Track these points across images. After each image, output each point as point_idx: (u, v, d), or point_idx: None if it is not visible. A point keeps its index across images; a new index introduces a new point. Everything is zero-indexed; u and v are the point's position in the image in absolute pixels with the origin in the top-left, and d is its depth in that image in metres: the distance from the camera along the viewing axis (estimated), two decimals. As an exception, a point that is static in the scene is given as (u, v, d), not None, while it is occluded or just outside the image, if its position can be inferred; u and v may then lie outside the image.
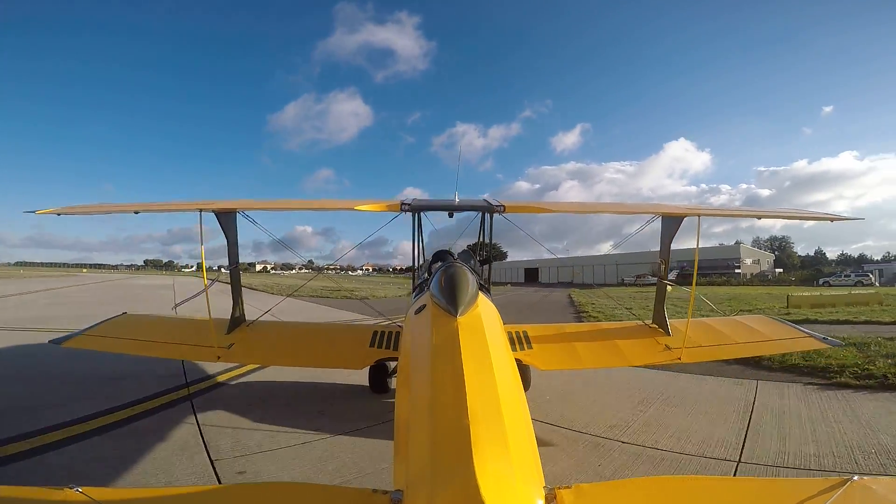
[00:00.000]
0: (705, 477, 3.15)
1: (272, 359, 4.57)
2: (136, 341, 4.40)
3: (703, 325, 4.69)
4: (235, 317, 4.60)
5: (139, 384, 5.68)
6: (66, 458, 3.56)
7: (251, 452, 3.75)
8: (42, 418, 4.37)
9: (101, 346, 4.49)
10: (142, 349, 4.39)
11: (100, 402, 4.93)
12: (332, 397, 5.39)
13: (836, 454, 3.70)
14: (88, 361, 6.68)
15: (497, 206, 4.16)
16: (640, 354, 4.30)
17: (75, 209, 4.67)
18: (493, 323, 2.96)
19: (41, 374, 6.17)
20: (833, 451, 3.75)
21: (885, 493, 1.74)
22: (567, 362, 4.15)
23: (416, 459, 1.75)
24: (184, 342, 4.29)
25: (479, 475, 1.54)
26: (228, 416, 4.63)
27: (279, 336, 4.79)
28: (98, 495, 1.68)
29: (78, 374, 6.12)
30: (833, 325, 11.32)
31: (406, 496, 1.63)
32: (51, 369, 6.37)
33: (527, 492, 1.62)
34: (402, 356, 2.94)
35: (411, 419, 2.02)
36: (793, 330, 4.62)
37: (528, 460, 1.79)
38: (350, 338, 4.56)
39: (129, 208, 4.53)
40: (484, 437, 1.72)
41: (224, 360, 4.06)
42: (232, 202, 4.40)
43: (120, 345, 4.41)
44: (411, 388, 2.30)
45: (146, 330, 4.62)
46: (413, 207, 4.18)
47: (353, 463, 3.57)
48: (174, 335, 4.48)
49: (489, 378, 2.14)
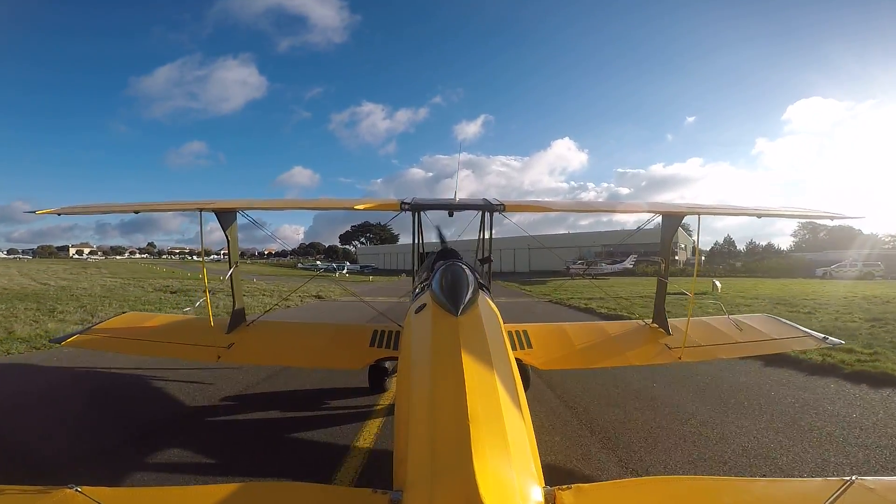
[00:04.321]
0: (706, 477, 3.15)
1: (272, 358, 4.57)
2: (136, 341, 4.41)
3: (704, 325, 4.68)
4: (235, 316, 4.60)
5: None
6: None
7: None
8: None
9: (102, 345, 4.51)
10: (142, 349, 4.41)
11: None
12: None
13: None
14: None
15: (497, 205, 4.15)
16: (640, 354, 4.29)
17: (75, 209, 4.68)
18: (494, 322, 2.96)
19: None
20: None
21: (885, 494, 1.73)
22: (567, 362, 4.15)
23: (416, 459, 1.75)
24: (184, 342, 4.29)
25: (478, 475, 1.53)
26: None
27: (279, 336, 4.79)
28: (97, 495, 1.67)
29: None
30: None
31: (406, 496, 1.62)
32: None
33: (527, 492, 1.61)
34: (402, 356, 2.93)
35: (411, 419, 2.02)
36: (793, 329, 4.62)
37: (528, 460, 1.78)
38: (350, 337, 4.56)
39: (129, 208, 4.53)
40: (484, 437, 1.72)
41: (224, 359, 4.06)
42: (232, 202, 4.40)
43: (120, 344, 4.43)
44: (411, 387, 2.30)
45: (146, 329, 4.62)
46: (413, 207, 4.17)
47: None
48: (174, 335, 4.49)
49: (489, 378, 2.13)
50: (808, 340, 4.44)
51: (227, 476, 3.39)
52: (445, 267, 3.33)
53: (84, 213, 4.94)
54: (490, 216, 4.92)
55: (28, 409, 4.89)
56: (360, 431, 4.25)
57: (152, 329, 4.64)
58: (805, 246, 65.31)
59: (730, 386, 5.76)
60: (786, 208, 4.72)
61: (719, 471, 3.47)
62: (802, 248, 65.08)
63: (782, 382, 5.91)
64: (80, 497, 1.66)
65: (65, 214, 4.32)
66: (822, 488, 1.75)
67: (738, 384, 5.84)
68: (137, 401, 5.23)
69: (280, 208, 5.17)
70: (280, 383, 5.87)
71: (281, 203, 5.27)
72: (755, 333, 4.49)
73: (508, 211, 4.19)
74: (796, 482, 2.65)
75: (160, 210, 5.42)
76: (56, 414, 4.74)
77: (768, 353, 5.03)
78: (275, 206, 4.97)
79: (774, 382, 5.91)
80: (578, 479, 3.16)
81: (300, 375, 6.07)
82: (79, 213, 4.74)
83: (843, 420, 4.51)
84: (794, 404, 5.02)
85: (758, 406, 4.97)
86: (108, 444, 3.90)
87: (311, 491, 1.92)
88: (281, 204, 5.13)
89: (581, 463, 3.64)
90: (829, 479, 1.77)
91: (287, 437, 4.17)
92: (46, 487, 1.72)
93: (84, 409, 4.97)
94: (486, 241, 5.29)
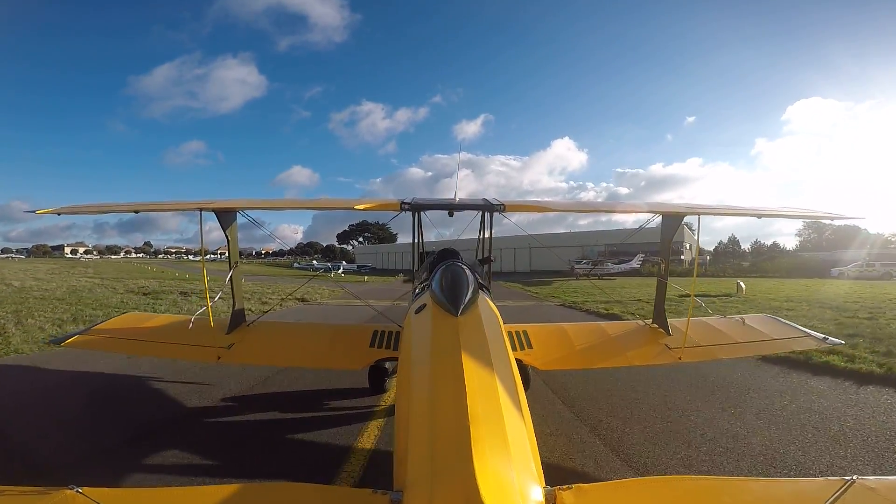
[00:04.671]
0: (706, 477, 3.15)
1: (272, 359, 4.57)
2: (136, 341, 4.41)
3: (704, 325, 4.68)
4: (235, 317, 4.60)
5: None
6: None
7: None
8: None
9: (102, 346, 4.50)
10: (142, 349, 4.41)
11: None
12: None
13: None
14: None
15: (497, 206, 4.15)
16: (640, 354, 4.30)
17: (75, 208, 4.67)
18: (494, 323, 2.96)
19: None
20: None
21: (886, 494, 1.73)
22: (567, 362, 4.15)
23: (416, 459, 1.75)
24: (184, 342, 4.29)
25: (478, 475, 1.53)
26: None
27: (279, 336, 4.79)
28: (97, 495, 1.67)
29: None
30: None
31: (406, 496, 1.62)
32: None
33: (527, 492, 1.61)
34: (402, 356, 2.93)
35: (411, 419, 2.01)
36: (793, 329, 4.62)
37: (528, 460, 1.78)
38: (350, 338, 4.55)
39: (129, 208, 4.53)
40: (484, 437, 1.72)
41: (224, 360, 4.06)
42: (232, 201, 4.40)
43: (120, 345, 4.43)
44: (411, 388, 2.30)
45: (146, 330, 4.62)
46: (413, 207, 4.17)
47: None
48: (174, 335, 4.48)
49: (489, 378, 2.13)
50: (808, 340, 4.44)
51: (228, 477, 3.39)
52: (445, 267, 3.33)
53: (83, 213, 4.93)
54: (490, 216, 4.92)
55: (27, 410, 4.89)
56: (361, 432, 4.25)
57: (152, 329, 4.64)
58: (810, 245, 64.66)
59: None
60: (785, 208, 4.72)
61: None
62: (808, 247, 64.26)
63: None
64: (80, 497, 1.66)
65: (64, 214, 4.31)
66: (822, 488, 1.75)
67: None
68: (137, 401, 5.23)
69: (280, 208, 5.17)
70: (280, 384, 5.87)
71: (281, 203, 5.27)
72: (755, 333, 4.49)
73: (508, 211, 4.19)
74: (797, 482, 2.65)
75: (160, 210, 5.41)
76: (55, 414, 4.74)
77: (768, 354, 5.03)
78: (275, 205, 4.97)
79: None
80: (579, 479, 3.16)
81: (300, 376, 6.07)
82: (78, 213, 4.73)
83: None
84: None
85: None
86: (108, 444, 3.91)
87: (312, 491, 1.92)
88: (281, 204, 5.13)
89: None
90: (829, 479, 1.77)
91: (287, 437, 4.17)
92: (47, 488, 1.72)
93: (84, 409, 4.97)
94: (486, 241, 5.29)
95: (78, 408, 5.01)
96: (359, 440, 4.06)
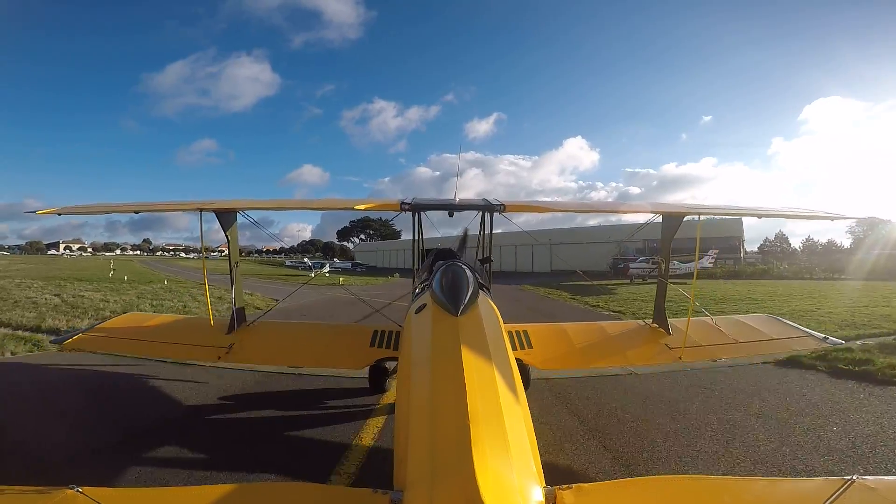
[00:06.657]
0: (706, 477, 3.14)
1: (272, 359, 4.57)
2: (137, 341, 4.41)
3: (704, 325, 4.68)
4: (235, 317, 4.61)
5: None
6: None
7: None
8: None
9: (103, 346, 4.50)
10: (143, 350, 4.42)
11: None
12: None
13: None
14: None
15: (497, 206, 4.15)
16: (640, 354, 4.30)
17: (76, 209, 4.68)
18: (494, 323, 2.96)
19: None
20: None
21: (886, 493, 1.73)
22: (567, 362, 4.15)
23: (416, 459, 1.75)
24: (184, 342, 4.29)
25: (478, 475, 1.53)
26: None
27: (279, 336, 4.79)
28: (97, 495, 1.67)
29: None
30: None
31: (406, 496, 1.62)
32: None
33: (527, 491, 1.61)
34: (402, 356, 2.93)
35: (411, 419, 2.01)
36: (793, 329, 4.61)
37: (528, 460, 1.78)
38: (350, 338, 4.56)
39: (129, 208, 4.54)
40: (484, 437, 1.72)
41: (224, 360, 4.06)
42: (232, 201, 4.40)
43: (121, 345, 4.44)
44: (411, 387, 2.30)
45: (147, 330, 4.62)
46: (413, 207, 4.17)
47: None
48: (175, 335, 4.49)
49: (489, 378, 2.13)
50: (808, 340, 4.44)
51: (228, 476, 3.39)
52: (445, 267, 3.33)
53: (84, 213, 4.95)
54: (490, 216, 4.93)
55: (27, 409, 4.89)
56: (361, 431, 4.25)
57: (153, 329, 4.64)
58: (864, 244, 53.32)
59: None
60: (786, 209, 4.72)
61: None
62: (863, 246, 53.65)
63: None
64: (80, 497, 1.66)
65: (65, 214, 4.32)
66: (822, 488, 1.75)
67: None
68: (137, 401, 5.23)
69: (279, 209, 5.18)
70: (280, 383, 5.87)
71: (280, 203, 5.27)
72: (756, 333, 4.48)
73: (508, 211, 4.19)
74: (797, 481, 2.65)
75: (160, 210, 5.43)
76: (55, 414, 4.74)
77: (769, 354, 5.03)
78: (274, 206, 4.97)
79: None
80: (579, 479, 3.16)
81: (300, 376, 6.07)
82: (79, 213, 4.74)
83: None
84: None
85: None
86: (108, 444, 3.91)
87: (311, 491, 1.92)
88: (280, 204, 5.13)
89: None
90: (829, 479, 1.77)
91: (287, 436, 4.18)
92: (47, 488, 1.72)
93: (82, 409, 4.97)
94: (486, 240, 5.30)
95: (72, 406, 4.99)
96: (359, 440, 4.06)
